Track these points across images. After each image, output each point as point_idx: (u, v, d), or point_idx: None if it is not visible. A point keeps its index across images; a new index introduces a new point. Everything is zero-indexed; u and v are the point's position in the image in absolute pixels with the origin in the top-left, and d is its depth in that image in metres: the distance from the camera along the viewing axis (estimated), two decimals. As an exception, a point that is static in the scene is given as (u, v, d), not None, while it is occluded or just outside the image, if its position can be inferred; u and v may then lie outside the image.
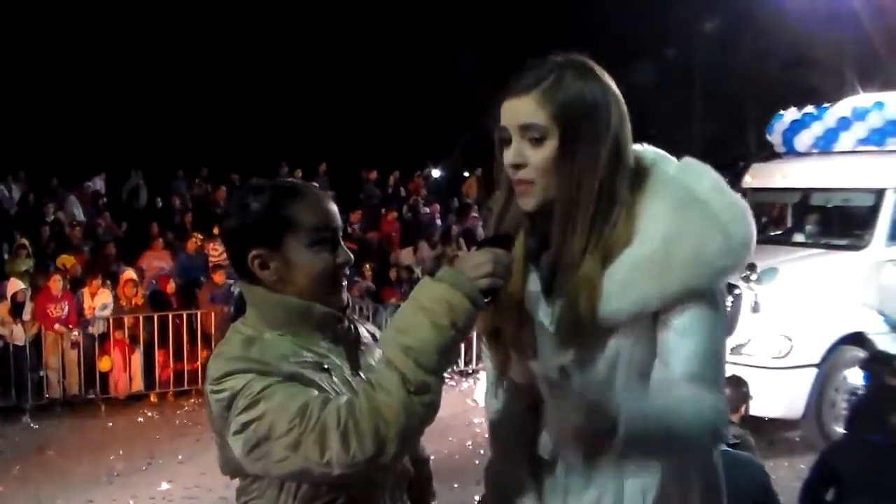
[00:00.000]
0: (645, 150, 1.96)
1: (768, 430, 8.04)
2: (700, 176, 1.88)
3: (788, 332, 8.05)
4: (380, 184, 17.94)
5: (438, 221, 16.68)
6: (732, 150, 10.60)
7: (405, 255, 14.27)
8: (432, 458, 2.34)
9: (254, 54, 21.14)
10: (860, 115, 9.95)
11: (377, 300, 12.20)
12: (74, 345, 10.28)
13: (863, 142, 9.96)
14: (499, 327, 1.98)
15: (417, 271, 12.85)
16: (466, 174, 20.80)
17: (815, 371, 8.06)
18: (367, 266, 12.85)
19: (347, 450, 1.66)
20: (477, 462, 7.37)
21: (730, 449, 4.38)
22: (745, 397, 5.76)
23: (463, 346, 8.84)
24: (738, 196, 1.86)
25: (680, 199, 1.82)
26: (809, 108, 10.49)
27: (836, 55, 17.49)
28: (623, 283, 1.80)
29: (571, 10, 21.68)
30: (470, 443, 8.45)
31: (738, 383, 5.78)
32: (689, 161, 1.93)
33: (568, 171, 1.80)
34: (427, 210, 16.95)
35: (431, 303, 1.69)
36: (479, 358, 10.81)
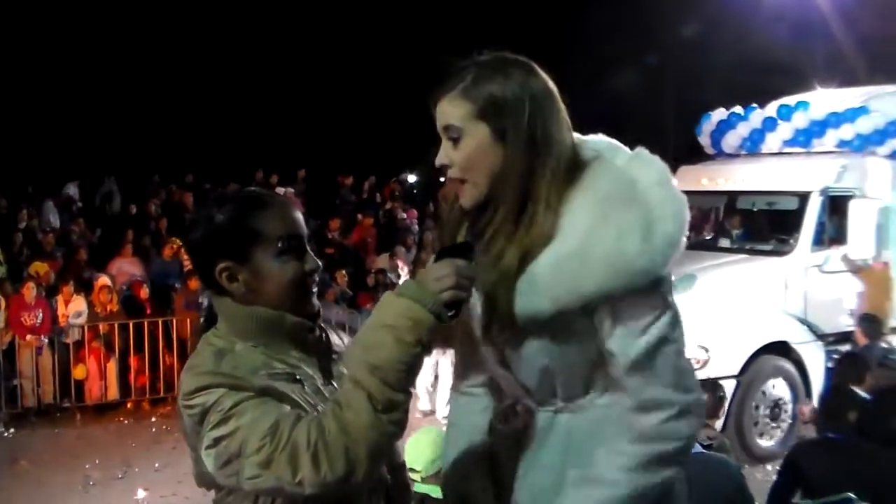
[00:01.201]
0: (595, 141, 1.95)
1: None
2: (647, 167, 1.84)
3: (705, 343, 7.70)
4: (355, 189, 17.91)
5: (415, 227, 16.68)
6: (705, 156, 10.61)
7: (381, 261, 14.25)
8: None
9: (229, 61, 21.05)
10: (785, 115, 9.80)
11: (353, 306, 12.20)
12: (40, 349, 10.19)
13: (789, 143, 9.80)
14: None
15: (392, 276, 12.85)
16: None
17: (734, 382, 7.84)
18: (343, 272, 12.85)
19: (318, 471, 1.66)
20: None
21: (705, 451, 4.43)
22: (721, 401, 5.82)
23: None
24: (678, 192, 1.81)
25: (609, 192, 1.79)
26: (737, 109, 10.32)
27: (808, 59, 17.66)
28: (541, 282, 1.78)
29: (550, 17, 21.79)
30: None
31: (714, 387, 5.84)
32: (641, 152, 1.90)
33: (487, 168, 1.82)
34: (404, 216, 16.94)
35: (395, 319, 1.68)
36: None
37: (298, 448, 1.67)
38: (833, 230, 8.89)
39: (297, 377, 1.89)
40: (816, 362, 8.40)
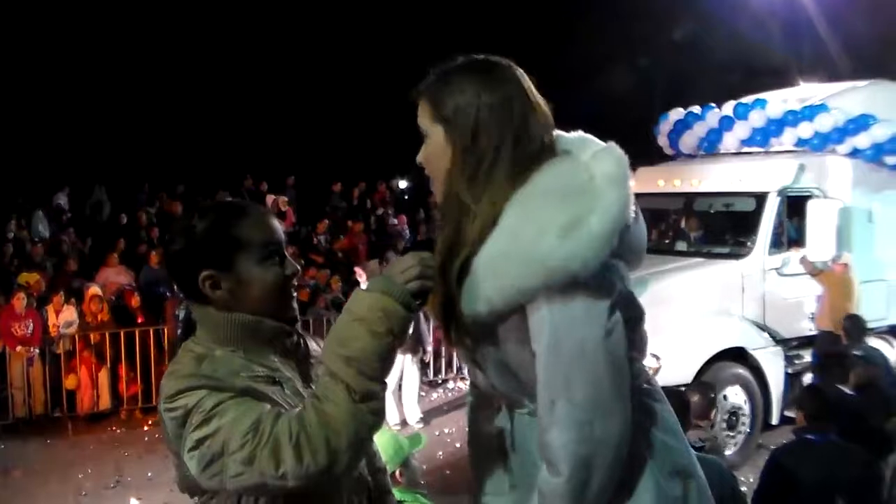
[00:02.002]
0: (569, 138, 1.97)
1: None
2: (605, 161, 1.84)
3: (657, 350, 7.34)
4: (345, 195, 17.91)
5: (406, 232, 16.69)
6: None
7: (372, 267, 14.23)
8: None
9: (218, 68, 21.03)
10: (742, 114, 9.63)
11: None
12: (31, 361, 10.15)
13: (746, 142, 9.63)
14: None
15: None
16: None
17: None
18: (336, 278, 12.85)
19: (301, 462, 1.69)
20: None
21: (697, 452, 4.44)
22: (713, 403, 5.82)
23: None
24: (622, 186, 1.79)
25: (548, 188, 1.80)
26: (694, 108, 10.14)
27: (795, 61, 17.73)
28: (476, 283, 1.82)
29: (537, 22, 21.84)
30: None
31: (705, 390, 5.84)
32: (609, 146, 1.90)
33: (441, 169, 1.91)
34: (394, 221, 16.95)
35: (366, 312, 1.75)
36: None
37: (280, 442, 1.70)
38: (792, 231, 8.73)
39: (277, 379, 1.94)
40: (775, 369, 8.22)
